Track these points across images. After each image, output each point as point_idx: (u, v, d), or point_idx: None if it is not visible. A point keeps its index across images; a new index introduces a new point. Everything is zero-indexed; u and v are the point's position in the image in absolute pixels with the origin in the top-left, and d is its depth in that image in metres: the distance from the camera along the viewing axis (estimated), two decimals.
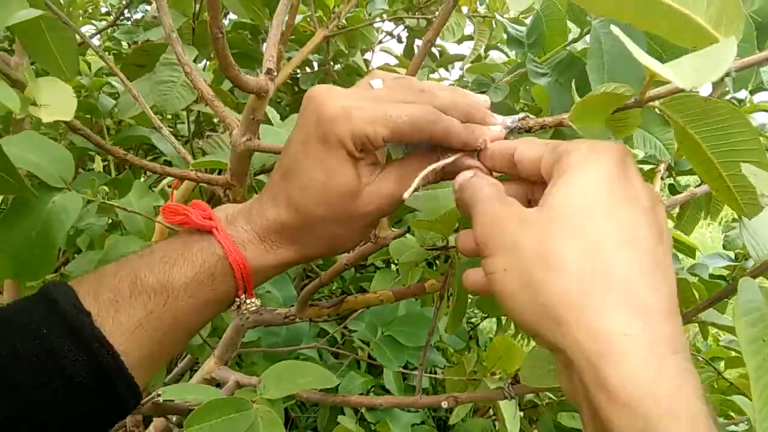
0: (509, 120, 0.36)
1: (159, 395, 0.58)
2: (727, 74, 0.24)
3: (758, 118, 1.01)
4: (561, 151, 0.30)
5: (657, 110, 0.33)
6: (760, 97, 1.02)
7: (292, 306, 0.83)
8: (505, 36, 1.06)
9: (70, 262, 0.92)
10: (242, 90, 0.50)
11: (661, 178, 0.76)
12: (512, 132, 0.36)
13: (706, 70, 0.24)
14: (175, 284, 0.35)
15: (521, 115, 0.37)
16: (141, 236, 0.76)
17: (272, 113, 1.01)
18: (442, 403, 0.60)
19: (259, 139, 0.57)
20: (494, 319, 1.51)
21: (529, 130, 0.36)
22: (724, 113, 0.31)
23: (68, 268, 0.88)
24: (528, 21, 0.67)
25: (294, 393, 0.67)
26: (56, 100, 0.44)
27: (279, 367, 0.66)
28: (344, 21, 1.31)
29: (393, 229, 0.72)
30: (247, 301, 0.38)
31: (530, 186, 0.35)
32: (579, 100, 0.34)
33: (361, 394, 1.19)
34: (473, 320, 1.70)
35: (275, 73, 0.52)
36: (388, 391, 1.13)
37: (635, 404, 0.23)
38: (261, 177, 0.94)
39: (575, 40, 0.63)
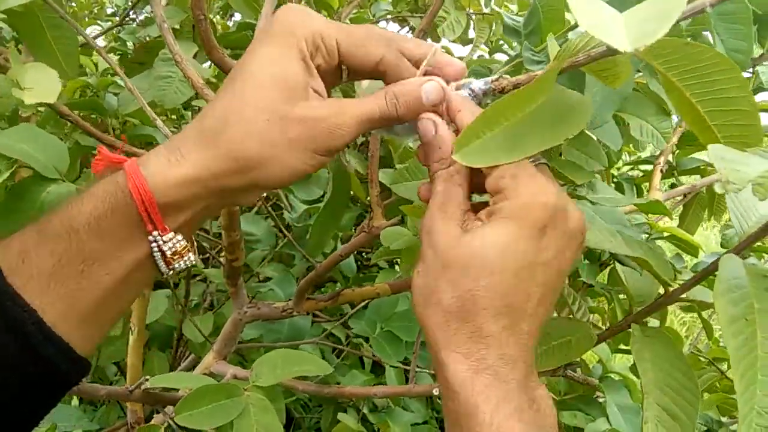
0: (481, 83, 0.36)
1: (147, 380, 0.58)
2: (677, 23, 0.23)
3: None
4: (502, 184, 0.33)
5: (636, 58, 0.31)
6: (760, 97, 1.02)
7: (290, 300, 0.83)
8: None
9: None
10: (227, 74, 0.50)
11: (661, 171, 0.75)
12: (486, 95, 0.36)
13: (652, 25, 0.23)
14: (75, 223, 0.32)
15: (494, 76, 0.36)
16: None
17: None
18: (434, 391, 0.59)
19: None
20: None
21: (502, 91, 0.36)
22: (709, 58, 0.30)
23: None
24: None
25: (287, 380, 0.66)
26: (40, 84, 0.45)
27: (273, 355, 0.66)
28: (347, 21, 1.31)
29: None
30: (164, 238, 0.33)
31: None
32: (555, 50, 0.34)
33: None
34: None
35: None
36: None
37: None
38: None
39: (572, 28, 0.63)
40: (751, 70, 1.02)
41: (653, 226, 0.66)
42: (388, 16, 1.45)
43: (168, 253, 0.34)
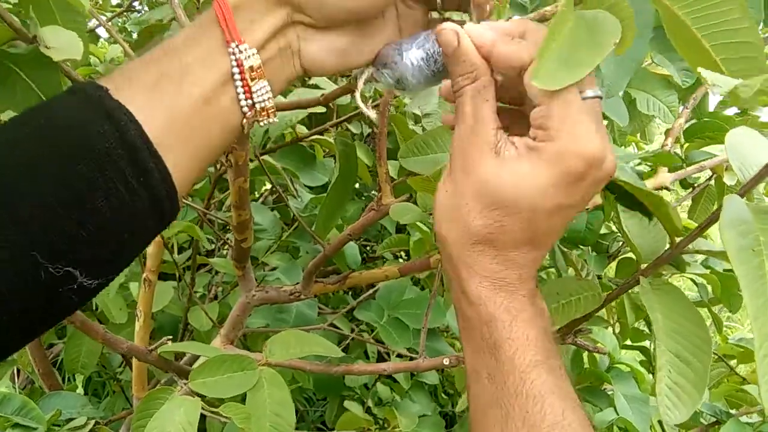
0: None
1: (169, 340, 0.58)
2: None
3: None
4: (549, 123, 0.33)
5: None
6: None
7: (298, 284, 0.83)
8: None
9: None
10: None
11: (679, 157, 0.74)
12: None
13: None
14: (175, 43, 0.35)
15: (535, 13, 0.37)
16: None
17: None
18: (444, 361, 0.59)
19: None
20: None
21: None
22: None
23: None
24: None
25: (296, 361, 0.67)
26: (63, 43, 0.46)
27: (286, 334, 0.66)
28: None
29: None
30: (240, 48, 0.35)
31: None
32: None
33: (366, 384, 1.18)
34: None
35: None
36: (395, 381, 1.12)
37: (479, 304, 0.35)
38: (267, 157, 0.95)
39: (579, 2, 0.63)
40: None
41: None
42: None
43: (245, 64, 0.35)
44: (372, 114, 0.45)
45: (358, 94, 0.42)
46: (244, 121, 0.37)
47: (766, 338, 0.28)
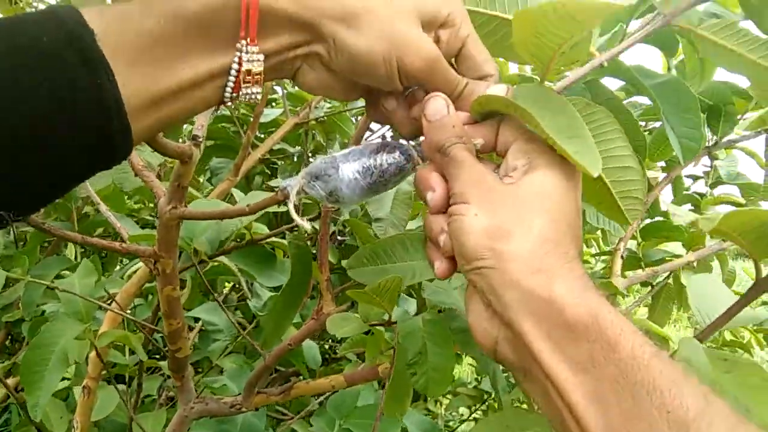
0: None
1: None
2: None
3: (721, 210, 1.02)
4: (528, 152, 0.37)
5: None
6: (720, 191, 1.05)
7: (239, 395, 0.78)
8: None
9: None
10: (162, 154, 0.49)
11: (622, 257, 0.73)
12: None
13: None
14: (186, 6, 0.33)
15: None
16: (79, 318, 0.73)
17: (238, 194, 1.01)
18: None
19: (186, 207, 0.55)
20: (473, 423, 1.42)
21: None
22: (600, 119, 0.33)
23: None
24: None
25: None
26: None
27: None
28: (323, 114, 1.34)
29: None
30: (249, 49, 0.35)
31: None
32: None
33: None
34: (451, 423, 1.59)
35: (201, 140, 0.52)
36: None
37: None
38: (222, 258, 0.91)
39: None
40: (709, 163, 1.04)
41: None
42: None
43: (244, 66, 0.35)
44: (306, 225, 0.44)
45: (291, 207, 0.42)
46: (220, 104, 0.37)
47: None
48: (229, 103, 0.38)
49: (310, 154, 1.46)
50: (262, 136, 1.39)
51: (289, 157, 1.44)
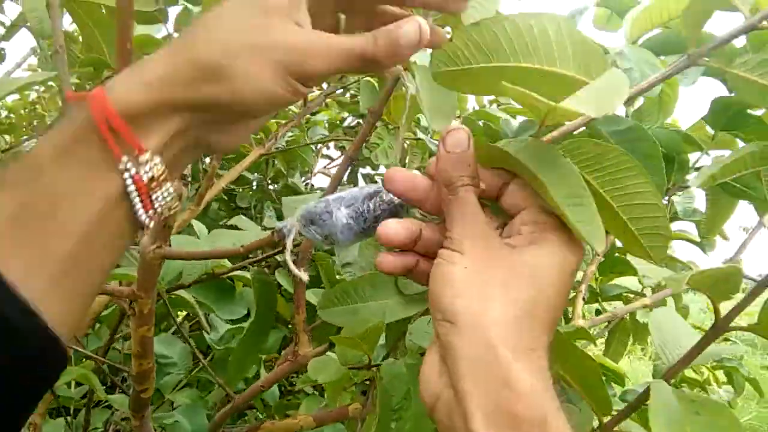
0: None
1: None
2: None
3: (675, 246, 1.07)
4: (539, 222, 0.35)
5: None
6: (676, 227, 1.10)
7: None
8: None
9: None
10: None
11: (583, 299, 0.76)
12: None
13: (609, 97, 0.27)
14: (40, 159, 0.29)
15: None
16: None
17: (199, 226, 0.99)
18: None
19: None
20: None
21: None
22: (615, 156, 0.33)
23: None
24: None
25: None
26: None
27: None
28: (284, 143, 1.34)
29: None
30: (139, 160, 0.30)
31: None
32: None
33: None
34: None
35: (189, 179, 0.51)
36: None
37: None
38: (180, 291, 0.89)
39: None
40: (666, 199, 1.10)
41: None
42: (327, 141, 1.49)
43: (144, 179, 0.30)
44: (305, 276, 0.43)
45: (288, 255, 0.41)
46: (142, 228, 0.32)
47: None
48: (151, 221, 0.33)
49: (269, 182, 1.45)
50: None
51: (248, 185, 1.43)
